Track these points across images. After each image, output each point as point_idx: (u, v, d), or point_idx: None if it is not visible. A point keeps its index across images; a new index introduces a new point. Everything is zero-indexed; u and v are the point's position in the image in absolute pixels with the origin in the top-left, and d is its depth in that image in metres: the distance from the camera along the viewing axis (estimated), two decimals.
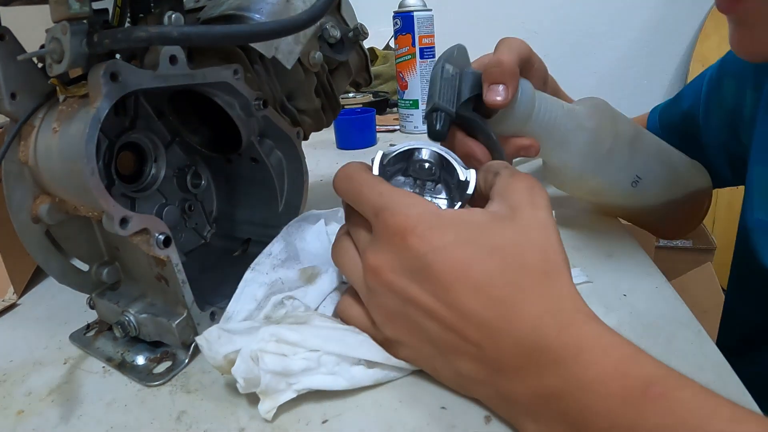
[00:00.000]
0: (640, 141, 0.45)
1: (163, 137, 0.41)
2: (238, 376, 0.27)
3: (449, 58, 0.40)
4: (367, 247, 0.29)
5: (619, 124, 0.43)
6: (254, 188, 0.44)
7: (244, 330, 0.29)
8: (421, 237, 0.26)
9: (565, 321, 0.24)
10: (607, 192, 0.46)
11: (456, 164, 0.32)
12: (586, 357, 0.22)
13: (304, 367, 0.27)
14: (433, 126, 0.38)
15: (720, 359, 0.29)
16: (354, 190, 0.30)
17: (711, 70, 0.57)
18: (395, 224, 0.27)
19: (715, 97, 0.55)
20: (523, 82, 0.39)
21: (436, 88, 0.38)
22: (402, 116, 0.97)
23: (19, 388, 0.32)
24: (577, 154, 0.42)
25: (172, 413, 0.29)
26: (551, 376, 0.23)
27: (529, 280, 0.25)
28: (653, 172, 0.46)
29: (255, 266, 0.34)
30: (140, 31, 0.26)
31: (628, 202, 0.48)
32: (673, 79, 1.96)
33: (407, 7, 0.91)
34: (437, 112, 0.38)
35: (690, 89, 0.59)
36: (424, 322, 0.26)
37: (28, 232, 0.33)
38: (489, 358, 0.25)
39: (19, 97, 0.31)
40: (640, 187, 0.45)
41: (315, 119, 0.45)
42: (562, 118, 0.41)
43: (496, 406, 0.26)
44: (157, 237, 0.30)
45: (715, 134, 0.55)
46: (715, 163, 0.56)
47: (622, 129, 0.43)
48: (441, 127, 0.38)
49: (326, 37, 0.41)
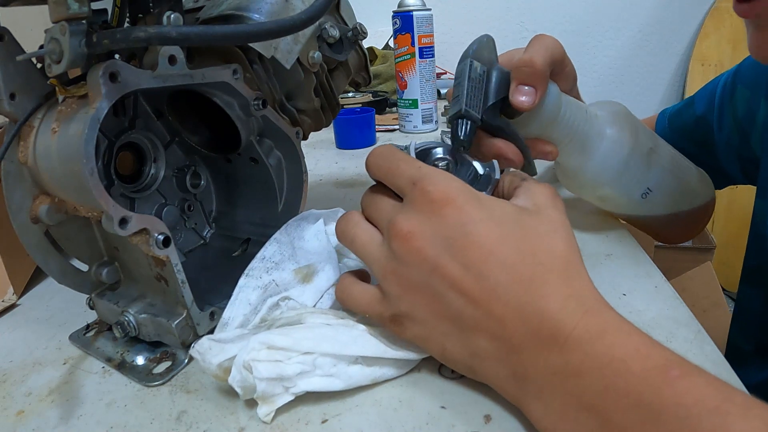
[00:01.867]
0: (656, 153, 0.45)
1: (163, 137, 0.41)
2: (235, 385, 0.27)
3: (477, 52, 0.37)
4: (396, 214, 0.28)
5: (640, 135, 0.43)
6: (254, 188, 0.44)
7: (235, 338, 0.29)
8: (459, 208, 0.27)
9: (588, 306, 0.25)
10: (616, 200, 0.46)
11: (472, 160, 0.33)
12: (610, 339, 0.23)
13: (299, 371, 0.27)
14: (457, 134, 0.36)
15: (719, 359, 0.29)
16: (390, 164, 0.30)
17: (725, 77, 0.58)
18: (435, 192, 0.27)
19: (728, 104, 0.56)
20: (551, 85, 0.38)
21: (463, 90, 0.36)
22: (401, 116, 0.97)
23: (19, 388, 0.32)
24: (594, 161, 0.42)
25: (171, 413, 0.29)
26: (573, 354, 0.23)
27: (556, 267, 0.26)
28: (665, 185, 0.46)
29: (249, 271, 0.34)
30: (139, 31, 0.26)
31: (635, 211, 0.48)
32: (673, 78, 1.96)
33: (406, 6, 0.91)
34: (463, 119, 0.36)
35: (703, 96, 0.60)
36: (448, 294, 0.26)
37: (28, 233, 0.33)
38: (510, 335, 0.25)
39: (18, 97, 0.31)
40: (650, 199, 0.45)
41: (314, 119, 0.45)
42: (584, 123, 0.41)
43: (505, 388, 0.26)
44: (156, 237, 0.30)
45: (728, 140, 0.57)
46: (727, 166, 0.58)
47: (641, 140, 0.43)
48: (465, 136, 0.36)
49: (325, 36, 0.41)
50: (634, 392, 0.21)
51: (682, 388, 0.21)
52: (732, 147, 0.56)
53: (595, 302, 0.25)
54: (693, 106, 0.61)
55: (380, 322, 0.30)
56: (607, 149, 0.41)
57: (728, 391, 0.21)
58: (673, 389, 0.21)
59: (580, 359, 0.23)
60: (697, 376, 0.21)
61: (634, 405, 0.21)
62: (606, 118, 0.42)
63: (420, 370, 0.30)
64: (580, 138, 0.41)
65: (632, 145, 0.42)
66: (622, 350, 0.23)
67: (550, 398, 0.24)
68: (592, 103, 0.45)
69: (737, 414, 0.20)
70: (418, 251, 0.27)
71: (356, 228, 0.31)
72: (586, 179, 0.43)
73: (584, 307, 0.24)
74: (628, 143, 0.42)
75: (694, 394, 0.21)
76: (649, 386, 0.21)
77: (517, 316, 0.25)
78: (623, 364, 0.22)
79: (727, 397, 0.20)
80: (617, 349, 0.23)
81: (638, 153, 0.43)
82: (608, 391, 0.22)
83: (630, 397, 0.21)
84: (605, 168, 0.42)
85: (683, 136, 0.60)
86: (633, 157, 0.42)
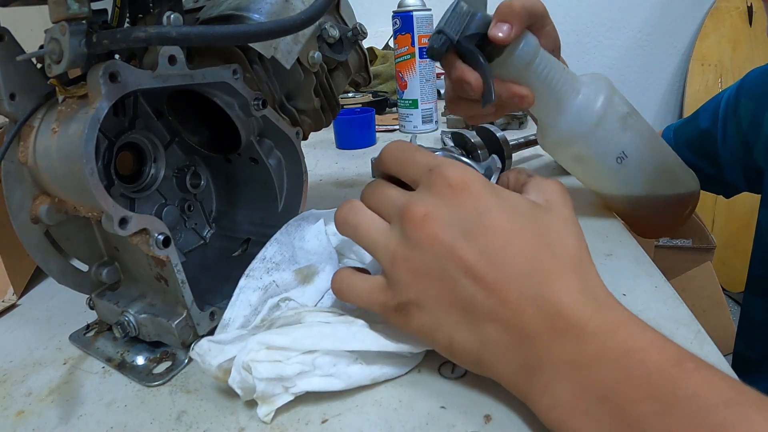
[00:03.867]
0: (632, 119, 0.46)
1: (163, 137, 0.41)
2: (235, 386, 0.27)
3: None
4: (410, 199, 0.28)
5: (615, 98, 0.45)
6: (254, 188, 0.44)
7: (234, 339, 0.29)
8: (477, 194, 0.27)
9: (602, 300, 0.25)
10: (590, 161, 0.46)
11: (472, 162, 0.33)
12: (626, 332, 0.23)
13: (298, 371, 0.27)
14: (432, 45, 0.40)
15: (719, 359, 0.29)
16: (406, 155, 0.30)
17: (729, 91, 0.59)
18: (453, 177, 0.27)
19: (732, 117, 0.57)
20: (528, 35, 0.41)
21: (445, 18, 0.40)
22: (401, 116, 0.97)
23: (19, 388, 0.32)
24: (568, 114, 0.43)
25: (171, 413, 0.29)
26: (588, 346, 0.23)
27: (570, 261, 0.26)
28: (640, 153, 0.46)
29: (249, 272, 0.34)
30: (139, 31, 0.26)
31: (613, 182, 0.48)
32: (673, 78, 1.96)
33: (406, 6, 0.91)
34: (440, 33, 0.40)
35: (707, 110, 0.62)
36: (461, 281, 0.26)
37: (28, 233, 0.33)
38: (523, 324, 0.25)
39: (18, 97, 0.31)
40: (626, 166, 0.45)
41: (314, 119, 0.45)
42: (560, 78, 0.43)
43: (512, 380, 0.26)
44: (156, 237, 0.30)
45: (732, 152, 0.58)
46: (732, 177, 0.59)
47: (616, 102, 0.44)
48: (439, 46, 0.40)
49: (325, 36, 0.41)
50: (651, 383, 0.21)
51: (698, 380, 0.21)
52: (736, 159, 0.57)
53: (607, 298, 0.25)
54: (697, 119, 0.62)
55: (383, 314, 0.29)
56: (581, 103, 0.43)
57: (741, 386, 0.21)
58: (689, 381, 0.21)
59: (595, 350, 0.23)
60: (711, 370, 0.22)
61: (649, 396, 0.21)
62: (584, 79, 0.44)
63: (420, 370, 0.30)
64: (555, 91, 0.43)
65: (606, 103, 0.44)
66: (638, 343, 0.23)
67: (560, 390, 0.24)
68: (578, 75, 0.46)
69: (753, 406, 0.20)
70: (434, 235, 0.26)
71: (359, 215, 0.30)
72: (560, 134, 0.45)
73: (598, 302, 0.25)
74: (602, 101, 0.43)
75: (709, 387, 0.21)
76: (665, 378, 0.21)
77: (533, 305, 0.25)
78: (639, 356, 0.22)
79: (741, 391, 0.21)
80: (633, 342, 0.23)
81: (613, 113, 0.44)
82: (623, 382, 0.22)
83: (646, 388, 0.21)
84: (578, 122, 0.43)
85: (689, 149, 0.62)
86: (607, 115, 0.44)
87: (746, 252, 0.56)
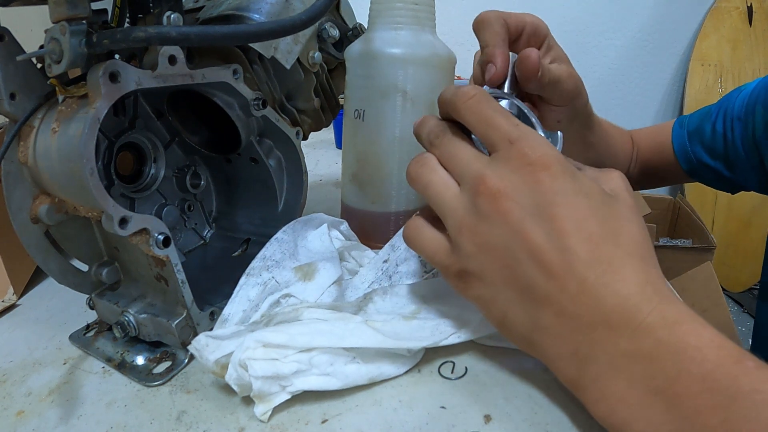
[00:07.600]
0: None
1: (163, 137, 0.41)
2: (232, 382, 0.27)
3: None
4: (486, 168, 0.27)
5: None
6: (254, 188, 0.44)
7: (231, 335, 0.29)
8: (555, 176, 0.26)
9: (663, 294, 0.24)
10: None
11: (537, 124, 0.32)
12: (685, 327, 0.23)
13: (295, 369, 0.27)
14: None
15: None
16: (486, 113, 0.28)
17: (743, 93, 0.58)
18: (534, 155, 0.26)
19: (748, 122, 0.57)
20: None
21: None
22: None
23: (19, 388, 0.32)
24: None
25: (171, 413, 0.29)
26: (646, 339, 0.23)
27: (635, 252, 0.25)
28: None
29: (249, 271, 0.34)
30: (139, 31, 0.26)
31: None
32: (673, 78, 1.96)
33: None
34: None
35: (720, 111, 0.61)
36: (525, 262, 0.26)
37: (28, 233, 0.33)
38: (581, 313, 0.25)
39: (18, 97, 0.31)
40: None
41: (314, 119, 0.45)
42: None
43: (562, 367, 0.26)
44: (156, 237, 0.30)
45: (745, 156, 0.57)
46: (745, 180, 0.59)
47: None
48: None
49: (325, 36, 0.41)
50: (710, 378, 0.21)
51: (759, 377, 0.21)
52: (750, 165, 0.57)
53: (669, 292, 0.25)
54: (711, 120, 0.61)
55: (444, 274, 0.29)
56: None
57: None
58: (749, 377, 0.21)
59: (653, 344, 0.23)
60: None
61: (708, 389, 0.21)
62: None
63: (420, 370, 0.30)
64: None
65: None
66: (697, 339, 0.23)
67: (612, 381, 0.24)
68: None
69: None
70: (505, 212, 0.26)
71: (432, 174, 0.29)
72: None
73: (660, 295, 0.24)
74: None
75: None
76: (724, 373, 0.21)
77: (592, 294, 0.24)
78: (699, 351, 0.22)
79: None
80: (692, 338, 0.23)
81: None
82: (681, 375, 0.22)
83: (705, 383, 0.21)
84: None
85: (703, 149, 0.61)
86: None
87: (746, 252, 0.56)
